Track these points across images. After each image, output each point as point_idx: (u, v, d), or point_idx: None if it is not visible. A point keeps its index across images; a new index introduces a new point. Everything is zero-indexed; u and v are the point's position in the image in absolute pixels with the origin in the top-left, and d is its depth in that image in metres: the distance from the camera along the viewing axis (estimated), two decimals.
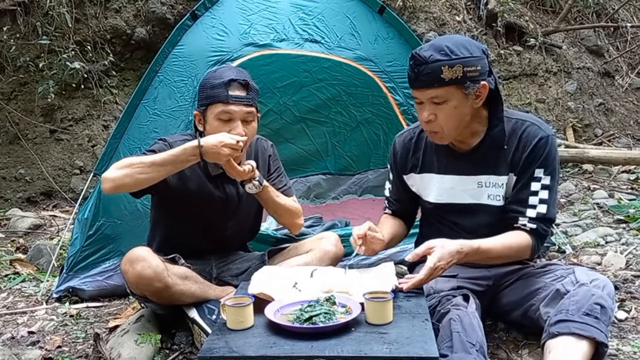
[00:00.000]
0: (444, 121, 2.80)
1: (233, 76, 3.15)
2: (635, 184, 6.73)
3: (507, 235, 2.89)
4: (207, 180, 3.33)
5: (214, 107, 3.15)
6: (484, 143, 2.95)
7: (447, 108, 2.76)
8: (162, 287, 3.02)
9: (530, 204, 2.88)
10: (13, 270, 4.76)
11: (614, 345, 2.96)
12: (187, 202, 3.29)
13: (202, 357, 2.35)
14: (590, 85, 9.18)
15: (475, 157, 2.98)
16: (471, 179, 3.01)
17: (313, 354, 2.32)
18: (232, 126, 3.14)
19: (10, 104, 6.93)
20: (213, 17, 4.51)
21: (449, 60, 2.67)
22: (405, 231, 3.41)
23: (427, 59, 2.69)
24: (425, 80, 2.72)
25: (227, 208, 3.43)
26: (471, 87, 2.73)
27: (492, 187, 2.97)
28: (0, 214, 6.49)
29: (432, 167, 3.12)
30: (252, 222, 3.68)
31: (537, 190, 2.87)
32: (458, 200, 3.06)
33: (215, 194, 3.37)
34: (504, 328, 3.22)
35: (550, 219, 2.90)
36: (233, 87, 3.14)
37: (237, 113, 3.15)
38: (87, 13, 7.15)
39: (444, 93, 2.73)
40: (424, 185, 3.17)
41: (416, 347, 2.27)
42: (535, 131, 2.89)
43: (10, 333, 3.61)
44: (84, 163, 7.02)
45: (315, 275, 2.95)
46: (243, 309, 2.49)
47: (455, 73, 2.68)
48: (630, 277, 3.92)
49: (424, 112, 2.81)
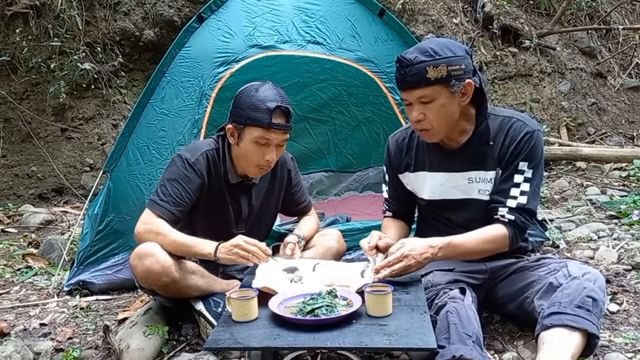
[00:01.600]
0: (433, 119, 2.81)
1: (278, 102, 3.08)
2: (627, 181, 6.71)
3: (481, 230, 2.91)
4: (226, 186, 3.32)
5: (254, 130, 3.11)
6: (472, 140, 2.97)
7: (435, 107, 2.78)
8: (170, 282, 3.02)
9: (511, 195, 2.89)
10: (25, 264, 4.76)
11: (606, 336, 2.96)
12: (201, 205, 3.29)
13: (208, 348, 2.36)
14: (583, 85, 9.17)
15: (464, 154, 3.00)
16: (461, 175, 3.02)
17: (315, 345, 2.33)
18: (267, 150, 3.15)
19: (23, 104, 6.94)
20: (219, 20, 4.51)
21: (433, 61, 2.70)
22: (408, 231, 3.41)
23: (412, 60, 2.72)
24: (411, 81, 2.74)
25: (239, 216, 3.43)
26: (456, 85, 2.76)
27: (481, 182, 2.99)
28: (13, 210, 6.51)
29: (425, 165, 3.13)
30: (264, 229, 3.67)
31: (520, 182, 2.89)
32: (450, 196, 3.07)
33: (229, 201, 3.37)
34: (499, 320, 3.22)
35: (530, 210, 2.89)
36: (276, 115, 3.09)
37: (274, 139, 3.14)
38: (97, 16, 7.15)
39: (430, 92, 2.75)
40: (418, 184, 3.18)
41: (415, 339, 2.28)
42: (521, 126, 2.91)
43: (22, 325, 3.61)
44: (94, 160, 7.03)
45: (317, 269, 2.95)
46: (248, 302, 2.49)
47: (440, 72, 2.71)
48: (622, 270, 3.92)
49: (414, 112, 2.83)
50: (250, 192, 3.42)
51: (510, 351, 2.90)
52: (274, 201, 3.59)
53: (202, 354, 3.02)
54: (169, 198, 3.12)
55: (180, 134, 4.22)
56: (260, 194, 3.49)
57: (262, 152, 3.14)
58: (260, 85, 3.18)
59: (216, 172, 3.29)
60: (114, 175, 4.21)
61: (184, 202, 3.15)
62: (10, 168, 6.89)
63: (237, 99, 3.21)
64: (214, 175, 3.28)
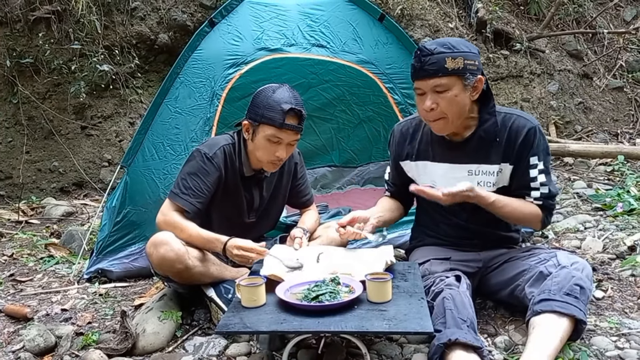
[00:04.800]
0: (446, 108, 2.81)
1: (292, 104, 3.10)
2: (612, 175, 6.70)
3: (522, 201, 2.96)
4: (240, 178, 3.33)
5: (267, 128, 3.13)
6: (476, 136, 2.97)
7: (449, 96, 2.78)
8: (183, 269, 3.03)
9: (532, 187, 2.94)
10: (48, 254, 4.77)
11: (592, 321, 2.95)
12: (218, 196, 3.29)
13: (219, 332, 2.37)
14: (570, 85, 9.15)
15: (467, 148, 3.00)
16: (462, 167, 3.03)
17: (319, 329, 2.33)
18: (278, 148, 3.17)
19: (45, 103, 6.94)
20: (229, 24, 4.51)
21: (452, 52, 2.73)
22: (402, 211, 3.43)
23: (432, 50, 2.74)
24: (430, 69, 2.75)
25: (251, 206, 3.44)
26: (470, 78, 2.77)
27: (481, 175, 2.99)
28: (36, 203, 6.52)
29: (427, 155, 3.13)
30: (273, 219, 3.70)
31: (536, 175, 2.93)
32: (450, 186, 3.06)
33: (242, 192, 3.38)
34: (492, 306, 3.21)
35: (553, 195, 2.96)
36: (289, 116, 3.11)
37: (285, 139, 3.16)
38: (115, 20, 7.14)
39: (446, 82, 2.76)
40: (419, 172, 3.18)
41: (413, 323, 2.28)
42: (523, 123, 2.94)
43: (45, 310, 3.61)
44: (112, 156, 7.03)
45: (321, 259, 2.95)
46: (256, 289, 2.49)
47: (457, 64, 2.72)
48: (607, 259, 3.91)
49: (427, 102, 2.82)
50: (262, 184, 3.44)
51: (502, 335, 2.89)
52: (282, 192, 3.61)
53: (213, 338, 3.02)
54: (189, 191, 3.15)
55: (193, 131, 4.22)
56: (271, 185, 3.50)
57: (273, 149, 3.17)
58: (278, 87, 3.19)
59: (232, 165, 3.30)
60: (131, 170, 4.21)
61: (203, 194, 3.18)
62: (33, 163, 6.89)
63: (255, 97, 3.22)
64: (230, 168, 3.29)
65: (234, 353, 2.87)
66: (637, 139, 8.69)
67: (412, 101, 4.62)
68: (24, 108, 6.89)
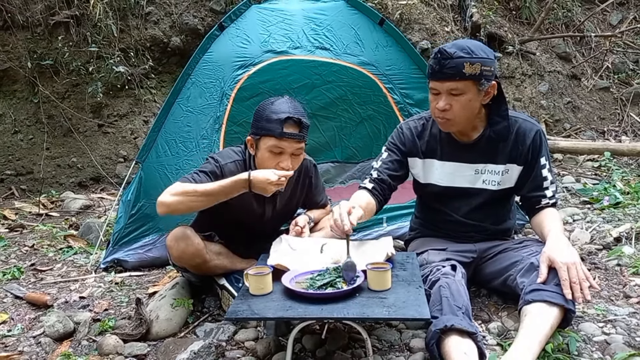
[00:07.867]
0: (458, 111, 2.80)
1: (289, 113, 2.98)
2: (599, 170, 6.69)
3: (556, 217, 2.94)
4: (253, 195, 3.10)
5: (267, 140, 3.03)
6: (484, 137, 2.97)
7: (463, 100, 2.77)
8: (201, 262, 3.08)
9: (545, 186, 2.98)
10: (67, 245, 4.77)
11: (580, 308, 2.95)
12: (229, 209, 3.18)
13: (228, 318, 2.36)
14: (560, 86, 9.13)
15: (475, 148, 3.00)
16: (469, 166, 3.03)
17: (323, 315, 2.33)
18: (281, 159, 3.05)
19: (64, 102, 6.93)
20: (237, 28, 4.51)
21: (471, 58, 2.69)
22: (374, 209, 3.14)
23: (452, 54, 2.70)
24: (448, 72, 2.72)
25: (263, 218, 3.37)
26: (485, 84, 2.76)
27: (487, 174, 3.01)
28: (56, 197, 6.52)
29: (435, 154, 3.11)
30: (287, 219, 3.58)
31: (547, 175, 2.98)
32: (456, 184, 3.08)
33: (254, 206, 3.30)
34: (486, 294, 3.21)
35: (558, 188, 3.01)
36: (287, 125, 2.98)
37: (288, 148, 3.03)
38: (130, 24, 7.13)
39: (462, 86, 2.74)
40: (425, 170, 3.16)
41: (411, 310, 2.28)
42: (530, 126, 2.97)
43: (64, 298, 3.61)
44: (127, 152, 7.02)
45: (324, 249, 2.95)
46: (263, 278, 2.49)
47: (475, 70, 2.70)
48: (594, 250, 3.90)
49: (440, 102, 2.81)
50: (275, 200, 3.34)
51: (495, 321, 2.89)
52: (295, 202, 3.52)
53: (222, 324, 3.03)
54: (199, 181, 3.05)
55: (204, 129, 4.22)
56: (284, 199, 3.40)
57: (276, 160, 3.04)
58: (276, 99, 3.10)
59: None
60: (145, 165, 4.20)
61: None
62: (53, 159, 6.89)
63: (255, 112, 3.13)
64: None
65: (243, 338, 2.88)
66: (623, 136, 8.67)
67: (411, 100, 4.62)
68: (44, 107, 6.89)
